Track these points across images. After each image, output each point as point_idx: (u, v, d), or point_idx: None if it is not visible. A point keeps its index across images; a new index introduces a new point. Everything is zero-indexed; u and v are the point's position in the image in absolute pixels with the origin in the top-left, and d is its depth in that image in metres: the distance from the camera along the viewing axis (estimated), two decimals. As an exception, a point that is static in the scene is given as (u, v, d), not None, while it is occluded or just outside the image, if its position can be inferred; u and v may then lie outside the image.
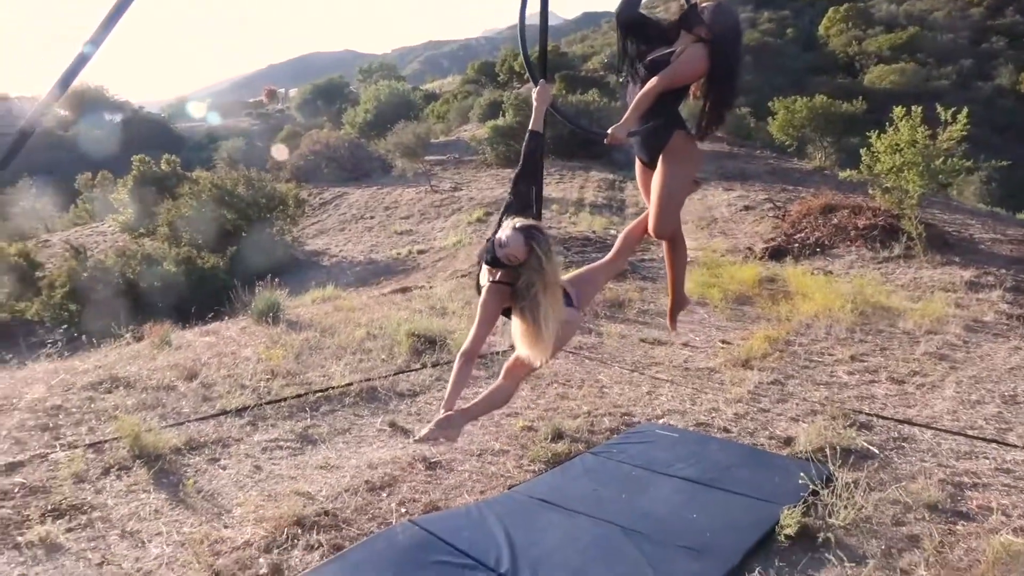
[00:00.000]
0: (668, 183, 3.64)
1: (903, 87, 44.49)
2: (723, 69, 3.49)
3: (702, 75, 3.53)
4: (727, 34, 3.50)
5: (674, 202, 3.74)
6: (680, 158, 3.61)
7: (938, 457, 4.38)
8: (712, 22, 3.45)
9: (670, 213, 3.76)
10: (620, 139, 3.45)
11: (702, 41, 3.44)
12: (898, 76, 46.77)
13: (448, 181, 25.42)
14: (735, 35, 3.61)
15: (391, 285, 13.75)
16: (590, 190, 21.98)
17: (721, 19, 3.48)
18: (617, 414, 4.89)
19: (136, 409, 4.52)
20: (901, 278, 11.18)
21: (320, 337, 6.35)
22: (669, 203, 3.73)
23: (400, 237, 20.39)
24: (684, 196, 3.81)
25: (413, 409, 4.88)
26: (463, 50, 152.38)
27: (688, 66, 3.44)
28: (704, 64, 3.45)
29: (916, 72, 47.03)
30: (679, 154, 3.60)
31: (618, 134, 3.43)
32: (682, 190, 3.76)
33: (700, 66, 3.46)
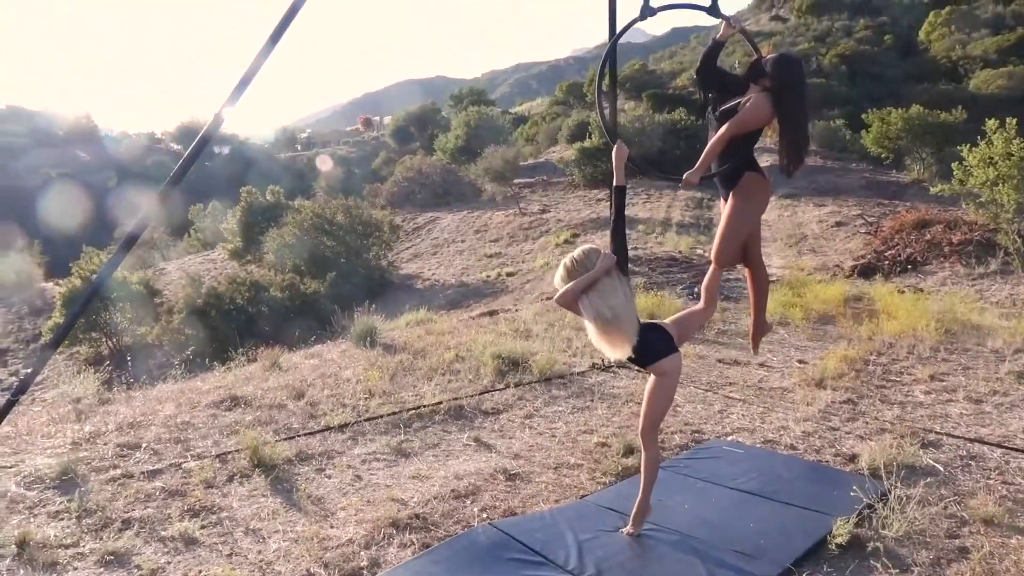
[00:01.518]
0: (731, 217, 4.00)
1: (1012, 91, 42.42)
2: (788, 114, 3.82)
3: (767, 121, 3.91)
4: (788, 82, 3.82)
5: (734, 235, 4.08)
6: (745, 197, 3.96)
7: (1004, 475, 4.47)
8: (774, 73, 3.78)
9: (729, 244, 4.09)
10: (693, 183, 3.85)
11: (767, 91, 3.78)
12: (1006, 80, 44.56)
13: (536, 203, 25.98)
14: (797, 82, 3.90)
15: (480, 308, 14.29)
16: (677, 209, 22.11)
17: (782, 69, 3.83)
18: (688, 431, 5.18)
19: (253, 425, 5.11)
20: (996, 295, 10.93)
21: (413, 359, 6.87)
22: (729, 235, 4.07)
23: (490, 260, 21.01)
24: (744, 230, 4.09)
25: (496, 426, 5.30)
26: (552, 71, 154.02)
27: (752, 113, 3.81)
28: (768, 111, 3.80)
29: (1025, 75, 44.71)
30: (745, 193, 3.95)
31: (691, 179, 3.87)
32: (743, 225, 4.06)
33: (764, 113, 3.81)
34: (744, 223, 4.05)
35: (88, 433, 4.96)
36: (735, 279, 13.36)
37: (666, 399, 3.66)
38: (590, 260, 3.49)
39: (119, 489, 4.12)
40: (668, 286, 11.85)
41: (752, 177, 3.95)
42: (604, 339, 3.40)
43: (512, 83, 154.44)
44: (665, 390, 3.60)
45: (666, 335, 3.64)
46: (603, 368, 6.81)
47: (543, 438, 5.06)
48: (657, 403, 3.60)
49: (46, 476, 4.22)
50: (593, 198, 25.42)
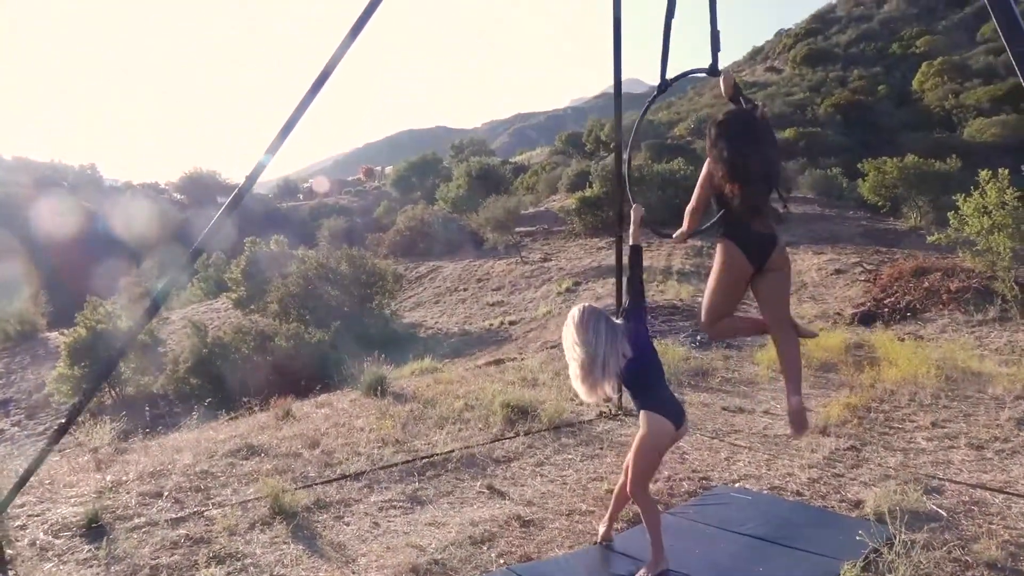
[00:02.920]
0: (708, 281, 3.98)
1: (1006, 139, 43.18)
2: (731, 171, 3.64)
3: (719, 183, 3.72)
4: (725, 140, 3.67)
5: (709, 296, 3.96)
6: (716, 260, 3.91)
7: (1006, 520, 4.58)
8: (711, 135, 3.74)
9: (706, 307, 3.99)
10: (681, 241, 4.01)
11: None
12: (999, 128, 45.42)
13: (537, 252, 26.29)
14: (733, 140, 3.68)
15: (485, 356, 14.42)
16: (678, 258, 22.36)
17: (716, 130, 3.73)
18: (695, 478, 5.29)
19: (271, 473, 5.22)
20: (996, 342, 11.07)
21: (423, 408, 7.00)
22: (707, 296, 4.00)
23: (492, 308, 21.21)
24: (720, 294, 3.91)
25: (508, 474, 5.41)
26: (551, 121, 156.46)
27: (705, 176, 3.81)
28: (713, 172, 3.72)
29: (1019, 123, 45.55)
30: (717, 256, 3.90)
31: (678, 239, 4.02)
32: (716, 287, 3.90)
33: (709, 176, 3.77)
34: (716, 285, 3.90)
35: (110, 482, 5.07)
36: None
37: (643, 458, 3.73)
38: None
39: (145, 537, 4.23)
40: (671, 334, 11.99)
41: (722, 242, 3.82)
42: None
43: (511, 133, 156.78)
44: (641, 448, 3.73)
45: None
46: (611, 416, 6.94)
47: (554, 485, 5.17)
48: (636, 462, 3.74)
49: (73, 524, 4.33)
50: (593, 246, 25.71)
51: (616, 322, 3.75)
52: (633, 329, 3.74)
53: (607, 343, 3.61)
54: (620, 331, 3.67)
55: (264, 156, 3.76)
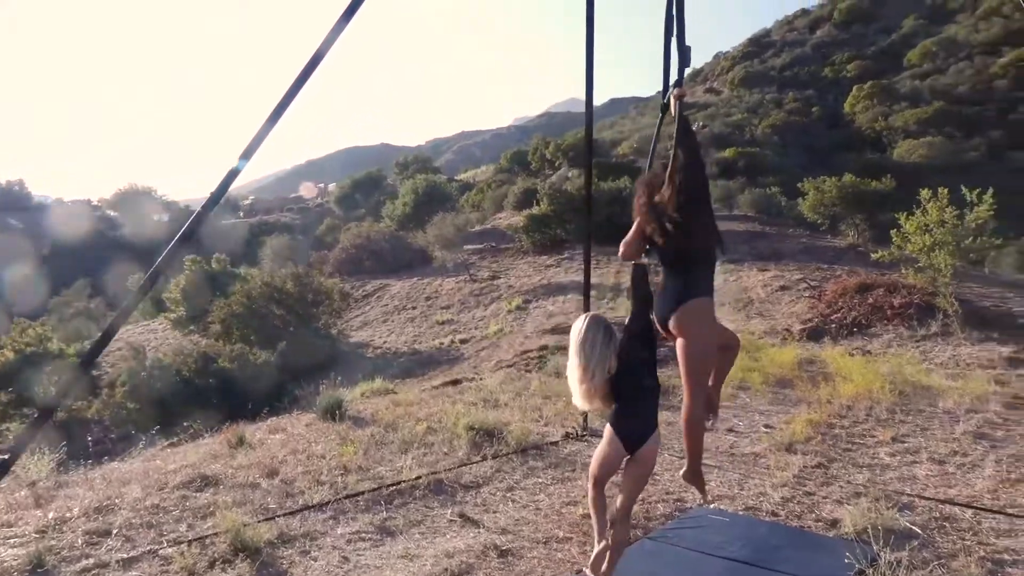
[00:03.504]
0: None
1: (933, 160, 44.92)
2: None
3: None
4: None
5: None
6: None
7: (979, 535, 4.61)
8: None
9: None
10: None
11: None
12: (927, 150, 47.28)
13: (486, 270, 26.14)
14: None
15: (438, 376, 14.20)
16: (626, 275, 22.45)
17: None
18: (670, 500, 5.21)
19: (228, 506, 4.94)
20: (940, 356, 11.35)
21: (384, 432, 6.78)
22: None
23: (442, 327, 20.97)
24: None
25: (478, 500, 5.23)
26: (495, 139, 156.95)
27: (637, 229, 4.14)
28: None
29: (945, 145, 47.53)
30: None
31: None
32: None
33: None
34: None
35: (53, 520, 4.72)
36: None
37: (593, 465, 3.85)
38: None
39: (94, 580, 3.93)
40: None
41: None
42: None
43: (456, 151, 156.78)
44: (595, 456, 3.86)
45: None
46: (577, 438, 6.82)
47: (528, 511, 5.02)
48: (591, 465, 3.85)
49: (14, 568, 4.00)
50: (542, 264, 25.70)
51: (615, 335, 3.66)
52: (620, 344, 3.66)
53: (599, 355, 3.61)
54: (614, 345, 3.59)
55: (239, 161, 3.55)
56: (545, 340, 13.98)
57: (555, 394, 8.56)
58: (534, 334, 15.58)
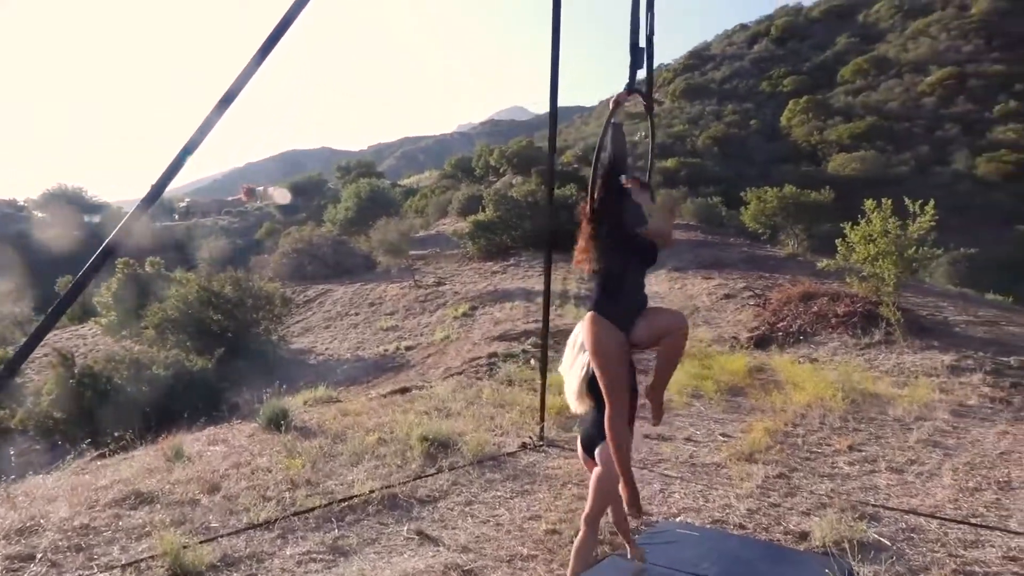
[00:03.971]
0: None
1: (865, 174, 46.29)
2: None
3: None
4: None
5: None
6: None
7: (947, 547, 4.55)
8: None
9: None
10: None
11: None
12: (859, 164, 48.70)
13: (431, 276, 25.79)
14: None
15: (384, 384, 13.84)
16: (572, 282, 22.42)
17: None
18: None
19: (165, 526, 4.57)
20: (884, 364, 11.51)
21: (332, 444, 6.45)
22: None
23: (386, 333, 20.54)
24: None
25: (436, 516, 4.98)
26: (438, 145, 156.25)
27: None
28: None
29: (876, 159, 49.04)
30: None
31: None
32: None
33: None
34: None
35: (-33, 544, 4.29)
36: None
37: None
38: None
39: (14, 612, 3.55)
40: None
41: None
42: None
43: (399, 156, 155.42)
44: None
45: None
46: (534, 448, 6.61)
47: (488, 527, 4.78)
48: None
49: (-80, 601, 3.59)
50: (488, 270, 25.48)
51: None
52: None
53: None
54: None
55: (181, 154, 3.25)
56: (494, 347, 13.74)
57: (508, 403, 8.35)
58: (482, 341, 15.32)
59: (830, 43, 73.35)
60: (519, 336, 15.14)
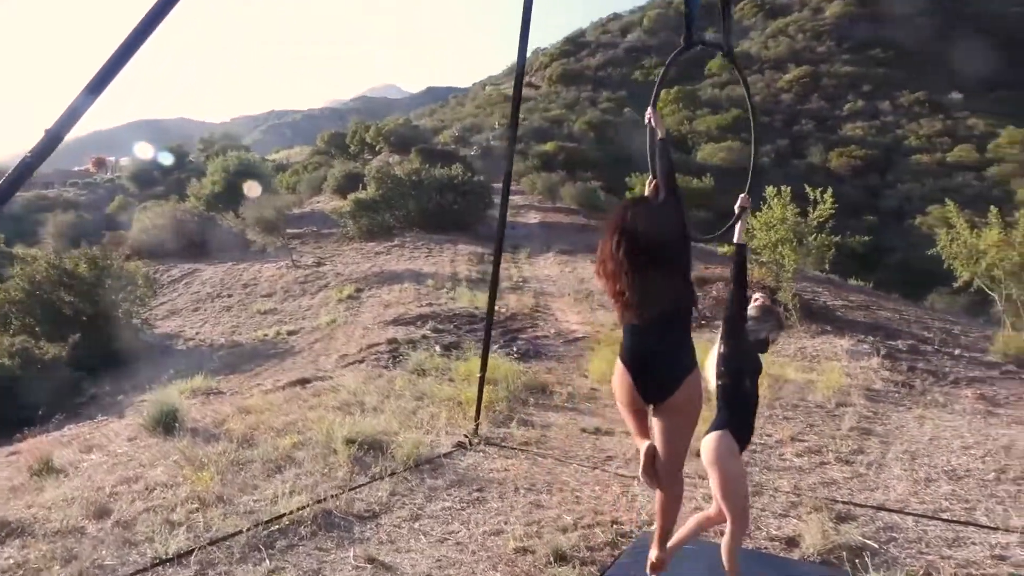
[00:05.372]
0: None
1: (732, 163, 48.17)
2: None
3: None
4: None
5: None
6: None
7: (931, 547, 4.33)
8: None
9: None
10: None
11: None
12: (727, 153, 50.65)
13: (310, 256, 24.46)
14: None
15: (269, 372, 12.76)
16: (462, 264, 21.80)
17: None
18: (606, 523, 4.52)
19: (43, 565, 3.64)
20: (787, 349, 11.63)
21: (239, 449, 5.58)
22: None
23: (264, 317, 19.19)
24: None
25: (382, 535, 4.27)
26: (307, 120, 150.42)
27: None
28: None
29: (742, 150, 51.10)
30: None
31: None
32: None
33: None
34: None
35: None
36: (543, 335, 13.19)
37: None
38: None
39: None
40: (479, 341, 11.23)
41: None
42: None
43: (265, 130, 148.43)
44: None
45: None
46: (470, 447, 5.99)
47: (447, 548, 4.13)
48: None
49: None
50: (371, 251, 24.44)
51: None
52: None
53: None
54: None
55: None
56: (392, 332, 12.94)
57: (427, 395, 7.67)
58: (375, 325, 14.46)
59: (698, 36, 75.89)
60: (415, 320, 14.40)
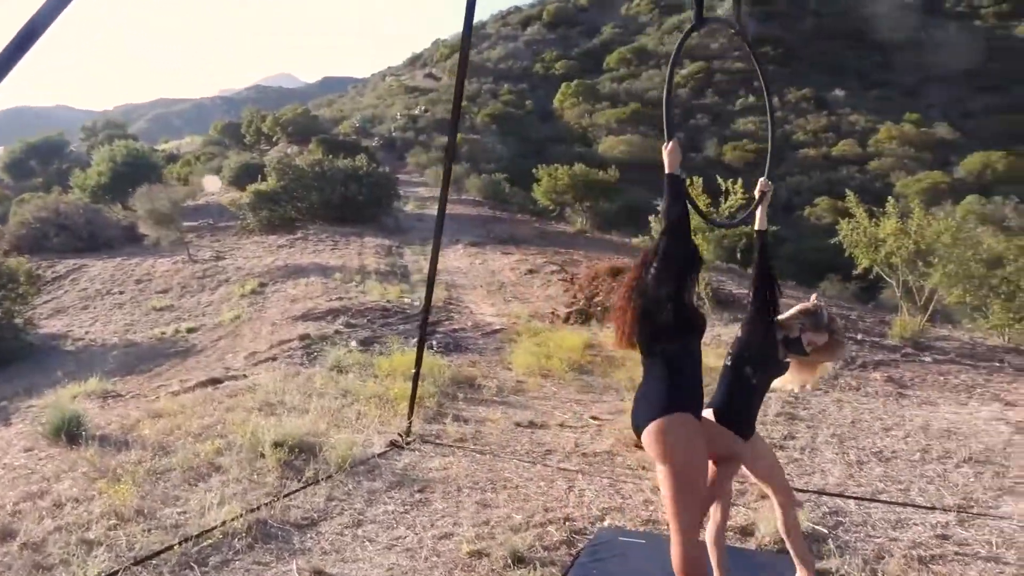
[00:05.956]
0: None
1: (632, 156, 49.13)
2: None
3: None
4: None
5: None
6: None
7: (877, 530, 4.40)
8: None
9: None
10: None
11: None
12: (627, 146, 51.61)
13: (207, 250, 23.36)
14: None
15: (171, 372, 12.06)
16: (370, 257, 21.27)
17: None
18: (558, 521, 4.38)
19: (-61, 598, 3.20)
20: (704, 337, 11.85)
21: (155, 457, 5.14)
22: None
23: (160, 314, 18.16)
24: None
25: (325, 544, 3.98)
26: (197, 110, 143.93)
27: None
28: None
29: (641, 143, 52.21)
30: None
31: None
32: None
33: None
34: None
35: None
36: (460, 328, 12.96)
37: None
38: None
39: None
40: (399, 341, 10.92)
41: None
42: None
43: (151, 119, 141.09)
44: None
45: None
46: (403, 446, 5.73)
47: (398, 555, 3.89)
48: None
49: None
50: (273, 244, 23.55)
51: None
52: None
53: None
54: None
55: None
56: (303, 328, 12.43)
57: (351, 392, 7.34)
58: (284, 321, 13.87)
59: (596, 31, 77.02)
60: (325, 315, 13.90)
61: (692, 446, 2.76)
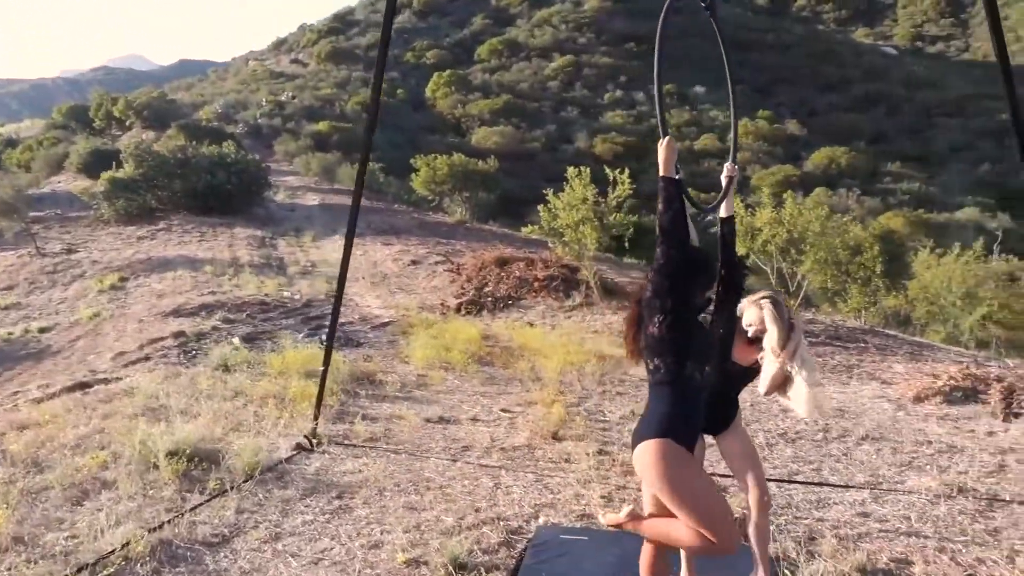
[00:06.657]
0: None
1: (505, 147, 49.39)
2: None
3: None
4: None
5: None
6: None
7: (802, 511, 4.49)
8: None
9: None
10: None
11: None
12: (500, 137, 51.82)
13: (57, 242, 21.48)
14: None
15: (24, 377, 10.92)
16: (242, 248, 20.18)
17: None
18: (492, 521, 4.17)
19: None
20: (593, 324, 11.96)
21: (29, 474, 4.54)
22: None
23: (6, 312, 16.50)
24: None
25: (244, 564, 3.60)
26: (36, 90, 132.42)
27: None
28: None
29: (514, 134, 52.59)
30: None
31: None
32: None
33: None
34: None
35: None
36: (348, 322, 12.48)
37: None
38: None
39: None
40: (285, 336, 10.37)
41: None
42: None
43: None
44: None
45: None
46: (310, 449, 5.35)
47: (326, 570, 3.57)
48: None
49: None
50: (132, 235, 21.95)
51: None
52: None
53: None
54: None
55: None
56: (175, 325, 11.59)
57: (242, 393, 6.83)
58: (152, 318, 12.89)
59: (467, 22, 76.92)
60: (198, 311, 13.05)
61: (679, 465, 2.59)
